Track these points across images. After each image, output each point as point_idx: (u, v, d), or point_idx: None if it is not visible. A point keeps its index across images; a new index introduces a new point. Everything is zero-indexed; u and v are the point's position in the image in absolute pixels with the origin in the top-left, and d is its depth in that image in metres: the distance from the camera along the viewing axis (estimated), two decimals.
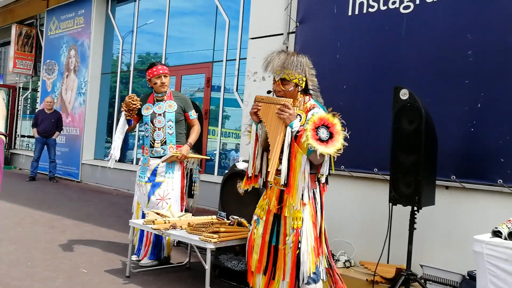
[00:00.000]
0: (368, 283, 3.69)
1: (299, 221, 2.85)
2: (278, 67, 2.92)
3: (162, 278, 4.02)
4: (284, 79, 2.94)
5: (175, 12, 9.21)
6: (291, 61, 2.92)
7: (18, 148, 13.93)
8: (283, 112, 2.82)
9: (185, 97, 4.68)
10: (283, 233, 2.90)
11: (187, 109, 4.52)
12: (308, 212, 2.88)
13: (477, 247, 2.50)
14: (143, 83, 10.19)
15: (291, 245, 2.84)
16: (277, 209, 2.94)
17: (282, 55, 2.95)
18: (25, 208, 6.76)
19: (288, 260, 2.87)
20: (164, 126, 4.41)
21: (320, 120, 2.78)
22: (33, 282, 3.68)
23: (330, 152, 2.73)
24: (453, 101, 3.73)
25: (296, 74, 2.93)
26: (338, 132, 2.78)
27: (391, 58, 4.17)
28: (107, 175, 9.87)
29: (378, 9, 4.28)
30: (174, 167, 4.42)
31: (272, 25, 5.27)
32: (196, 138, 4.54)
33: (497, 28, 3.56)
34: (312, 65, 3.04)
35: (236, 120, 7.88)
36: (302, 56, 2.99)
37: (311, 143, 2.71)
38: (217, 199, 4.66)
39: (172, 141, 4.41)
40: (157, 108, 4.46)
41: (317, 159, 2.80)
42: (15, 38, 13.02)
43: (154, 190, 4.37)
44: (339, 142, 2.76)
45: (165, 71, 4.46)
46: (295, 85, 2.94)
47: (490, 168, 3.51)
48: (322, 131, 2.75)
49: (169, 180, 4.39)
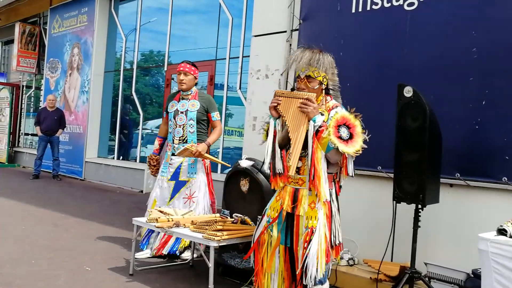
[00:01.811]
0: (372, 281, 3.68)
1: (314, 221, 2.80)
2: (304, 64, 2.89)
3: (166, 276, 4.02)
4: (309, 76, 2.91)
5: (178, 10, 9.20)
6: (316, 59, 2.90)
7: (22, 146, 13.96)
8: (306, 106, 2.78)
9: (210, 98, 4.69)
10: (295, 233, 2.87)
11: (210, 110, 4.53)
12: (323, 213, 2.83)
13: (482, 245, 2.49)
14: (146, 81, 10.20)
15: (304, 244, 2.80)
16: (291, 208, 2.89)
17: (308, 52, 2.92)
18: (29, 206, 6.77)
19: (300, 259, 2.82)
20: (185, 124, 4.46)
21: (343, 119, 2.77)
22: (36, 281, 3.68)
23: (350, 151, 2.73)
24: (458, 99, 3.71)
25: (321, 72, 2.91)
26: (358, 134, 2.78)
27: (395, 55, 4.15)
28: (110, 173, 9.89)
29: (382, 6, 4.26)
30: (196, 166, 4.45)
31: (275, 22, 5.25)
32: (215, 139, 4.56)
33: (502, 25, 3.53)
34: (335, 64, 3.02)
35: (239, 118, 7.87)
36: (326, 55, 2.96)
37: (333, 139, 2.70)
38: (220, 197, 4.66)
39: (193, 139, 4.45)
40: (180, 106, 4.54)
41: (335, 157, 2.79)
42: (19, 37, 13.04)
43: (179, 188, 4.43)
44: (358, 143, 2.76)
45: (185, 69, 4.51)
46: (319, 83, 2.92)
47: (494, 166, 3.49)
48: (343, 130, 2.75)
49: (192, 180, 4.44)
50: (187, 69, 4.52)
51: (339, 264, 4.01)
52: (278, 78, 5.16)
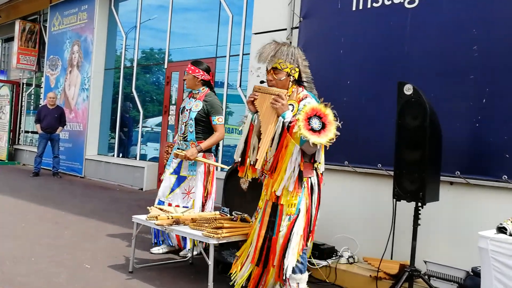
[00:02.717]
0: (371, 279, 3.68)
1: (292, 208, 2.90)
2: (269, 56, 2.97)
3: (165, 274, 4.02)
4: (275, 68, 2.99)
5: (178, 8, 9.19)
6: (282, 51, 2.97)
7: (22, 143, 13.96)
8: (276, 102, 2.87)
9: (215, 101, 4.54)
10: (278, 223, 2.95)
11: (211, 113, 4.47)
12: (304, 199, 2.94)
13: (482, 243, 2.49)
14: (147, 79, 10.20)
15: (284, 231, 2.90)
16: (275, 198, 2.99)
17: (273, 45, 3.01)
18: (29, 204, 6.77)
19: (278, 247, 2.92)
20: (187, 122, 4.50)
21: (312, 110, 2.82)
22: (37, 278, 3.68)
23: (323, 142, 2.78)
24: (458, 97, 3.71)
25: (288, 63, 2.97)
26: (330, 122, 2.82)
27: (395, 53, 4.14)
28: (110, 171, 9.89)
29: (382, 4, 4.26)
30: (197, 163, 4.48)
31: (275, 20, 5.25)
32: (211, 144, 4.48)
33: (503, 23, 3.53)
34: (304, 57, 3.08)
35: (239, 116, 7.85)
36: (293, 47, 3.05)
37: (304, 133, 2.76)
38: (220, 195, 4.66)
39: (193, 139, 4.47)
40: (187, 104, 4.59)
41: (310, 149, 2.87)
42: (19, 34, 13.03)
43: (179, 183, 4.51)
44: (331, 132, 2.80)
45: (186, 69, 4.61)
46: (287, 75, 2.98)
47: (495, 164, 3.49)
48: (314, 121, 2.79)
49: (191, 177, 4.49)
50: (187, 69, 4.60)
51: (339, 262, 4.02)
52: None
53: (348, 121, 2.86)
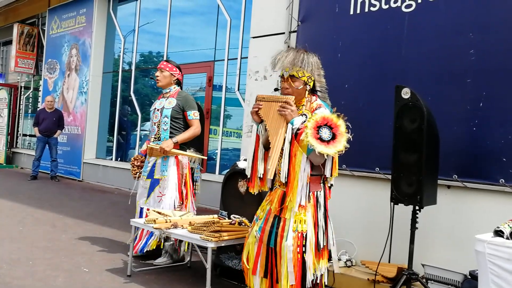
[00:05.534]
0: (369, 283, 3.68)
1: (303, 224, 2.75)
2: (288, 63, 2.86)
3: (163, 277, 4.02)
4: (293, 75, 2.88)
5: (176, 12, 9.21)
6: (301, 59, 2.87)
7: (20, 147, 13.95)
8: (284, 109, 2.75)
9: (188, 97, 4.60)
10: (280, 235, 2.80)
11: (186, 109, 4.46)
12: (311, 215, 2.79)
13: (479, 247, 2.49)
14: (145, 82, 10.20)
15: (291, 248, 2.74)
16: (278, 210, 2.85)
17: (292, 52, 2.90)
18: (27, 207, 6.76)
19: (289, 263, 2.76)
20: (159, 121, 4.45)
21: (323, 119, 2.69)
22: (34, 281, 3.68)
23: (330, 152, 2.63)
24: (455, 100, 3.72)
25: (305, 72, 2.88)
26: (341, 134, 2.68)
27: (393, 57, 4.15)
28: (108, 174, 9.88)
29: (380, 8, 4.27)
30: (168, 163, 4.38)
31: (273, 24, 5.26)
32: (186, 137, 4.41)
33: (500, 27, 3.54)
34: (321, 65, 2.97)
35: (237, 120, 7.86)
36: (312, 55, 2.93)
37: (310, 141, 2.62)
38: (218, 199, 4.66)
39: (166, 137, 4.40)
40: (158, 104, 4.55)
41: (317, 159, 2.72)
42: (17, 37, 13.04)
43: (154, 187, 4.40)
44: (341, 143, 2.66)
45: (161, 66, 4.56)
46: (304, 83, 2.88)
47: (492, 168, 3.49)
48: (324, 131, 2.66)
49: (164, 177, 4.37)
50: (163, 66, 4.55)
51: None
52: (277, 79, 5.16)
53: (348, 127, 2.80)
